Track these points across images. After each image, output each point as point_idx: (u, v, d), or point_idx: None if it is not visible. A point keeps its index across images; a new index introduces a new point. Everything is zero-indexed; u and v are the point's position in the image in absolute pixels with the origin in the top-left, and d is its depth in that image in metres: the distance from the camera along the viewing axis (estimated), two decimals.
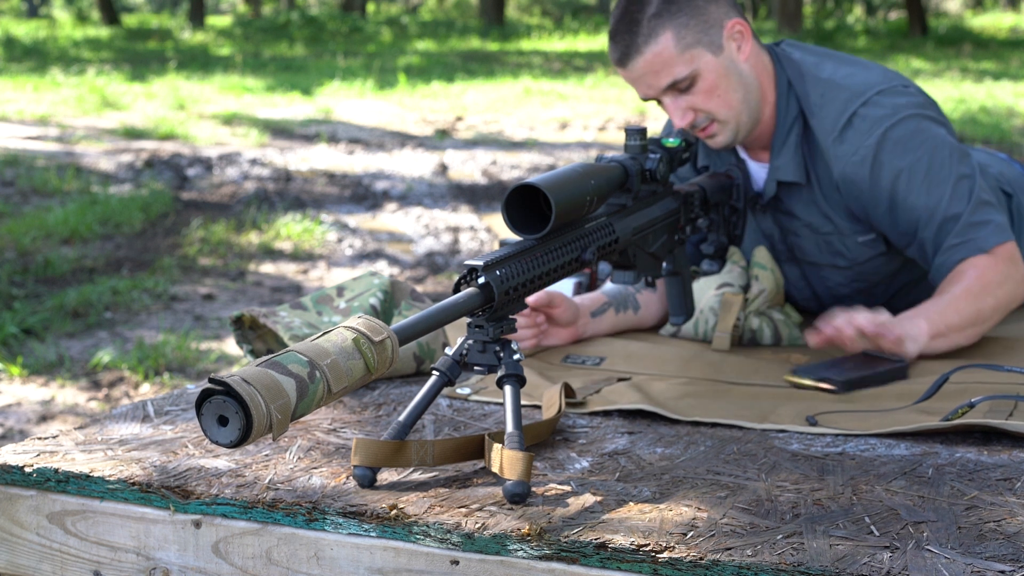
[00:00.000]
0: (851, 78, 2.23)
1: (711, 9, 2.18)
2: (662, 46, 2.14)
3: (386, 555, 1.42)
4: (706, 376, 2.02)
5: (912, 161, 2.16)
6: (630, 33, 2.16)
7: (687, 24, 2.15)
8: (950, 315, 2.08)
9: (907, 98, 2.21)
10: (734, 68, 2.20)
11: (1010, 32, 23.40)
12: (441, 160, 8.85)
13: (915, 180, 2.16)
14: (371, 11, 31.64)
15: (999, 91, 12.55)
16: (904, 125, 2.18)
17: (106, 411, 3.52)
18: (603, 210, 1.83)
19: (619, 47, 2.18)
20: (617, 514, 1.42)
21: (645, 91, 2.20)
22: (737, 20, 2.21)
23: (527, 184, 1.58)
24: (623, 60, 2.18)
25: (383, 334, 1.36)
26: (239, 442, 1.24)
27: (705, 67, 2.17)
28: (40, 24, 25.78)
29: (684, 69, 2.16)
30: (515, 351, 1.56)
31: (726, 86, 2.19)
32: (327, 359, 1.31)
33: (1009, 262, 2.14)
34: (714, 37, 2.17)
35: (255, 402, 1.23)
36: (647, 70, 2.16)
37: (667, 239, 2.03)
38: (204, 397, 1.25)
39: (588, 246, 1.71)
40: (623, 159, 1.86)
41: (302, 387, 1.28)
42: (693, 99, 2.19)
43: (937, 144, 2.18)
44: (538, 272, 1.60)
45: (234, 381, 1.23)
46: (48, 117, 10.93)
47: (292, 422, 1.29)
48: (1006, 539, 1.33)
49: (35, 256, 5.90)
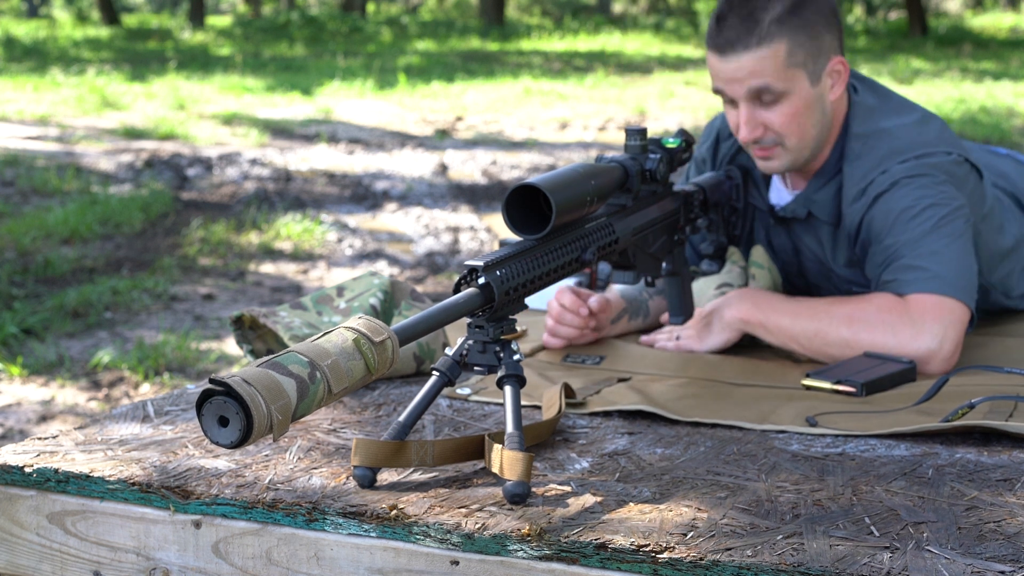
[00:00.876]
0: (898, 133, 2.17)
1: (826, 38, 2.13)
2: (773, 52, 2.08)
3: (386, 555, 1.42)
4: (706, 376, 2.02)
5: (907, 205, 2.11)
6: (745, 27, 2.09)
7: (803, 43, 2.10)
8: (792, 319, 2.08)
9: (940, 159, 2.15)
10: (821, 104, 2.16)
11: (1010, 32, 23.40)
12: (441, 160, 8.85)
13: (900, 220, 2.11)
14: (371, 11, 31.63)
15: (999, 91, 12.55)
16: (919, 180, 2.12)
17: (106, 411, 3.52)
18: (603, 210, 1.83)
19: (728, 35, 2.10)
20: (617, 514, 1.42)
21: (727, 87, 2.13)
22: (841, 59, 2.16)
23: (527, 184, 1.58)
24: (724, 48, 2.11)
25: (383, 334, 1.36)
26: (240, 443, 1.24)
27: (799, 91, 2.12)
28: (40, 24, 25.77)
29: (780, 84, 2.10)
30: (515, 351, 1.56)
31: (808, 117, 2.15)
32: (328, 359, 1.31)
33: (904, 314, 2.03)
34: (818, 67, 2.13)
35: (256, 403, 1.23)
36: (747, 68, 2.10)
37: (667, 239, 2.03)
38: (205, 397, 1.25)
39: (588, 246, 1.71)
40: (623, 159, 1.85)
41: (303, 388, 1.28)
42: (771, 117, 2.13)
43: (938, 201, 2.10)
44: (538, 272, 1.60)
45: (235, 382, 1.23)
46: (48, 117, 10.93)
47: (293, 423, 1.29)
48: (1006, 539, 1.33)
49: (35, 256, 5.90)
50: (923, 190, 2.11)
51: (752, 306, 2.12)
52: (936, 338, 2.00)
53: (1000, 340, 2.23)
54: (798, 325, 2.08)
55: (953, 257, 2.07)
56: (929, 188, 2.11)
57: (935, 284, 2.04)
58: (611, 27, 24.02)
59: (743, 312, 2.13)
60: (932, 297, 2.04)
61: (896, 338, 2.01)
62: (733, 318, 2.14)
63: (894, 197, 2.12)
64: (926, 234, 2.08)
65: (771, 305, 2.12)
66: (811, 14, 2.11)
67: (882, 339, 2.02)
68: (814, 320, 2.07)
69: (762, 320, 2.11)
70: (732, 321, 2.14)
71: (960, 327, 2.04)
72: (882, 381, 1.92)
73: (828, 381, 1.92)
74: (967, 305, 2.06)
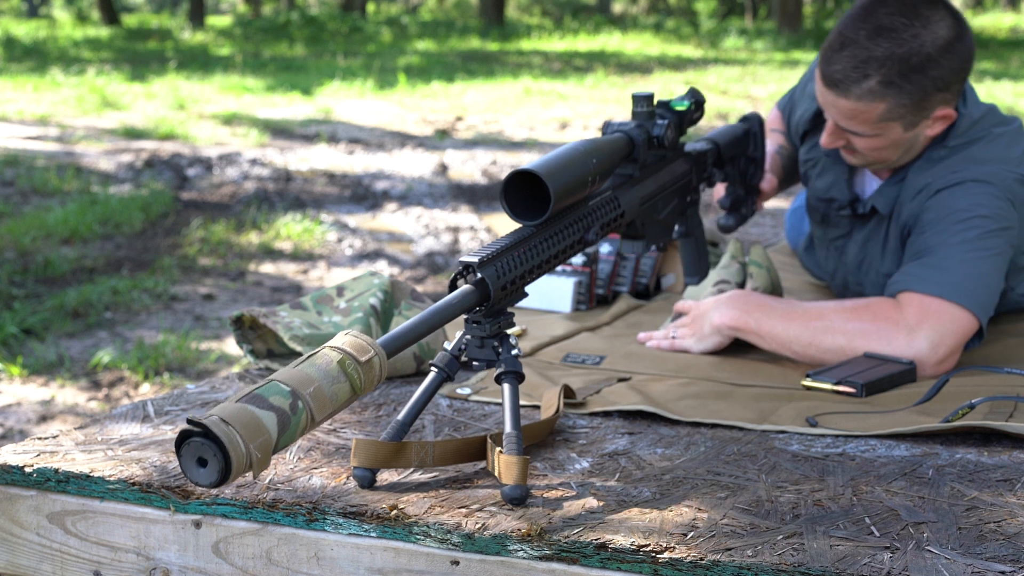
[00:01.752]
0: (982, 151, 2.15)
1: (934, 97, 2.06)
2: (869, 108, 2.05)
3: (386, 555, 1.42)
4: (706, 376, 2.02)
5: (962, 207, 2.08)
6: (854, 75, 2.04)
7: (904, 104, 2.05)
8: (785, 326, 2.05)
9: (1009, 175, 2.11)
10: (912, 140, 2.13)
11: (1010, 32, 23.40)
12: (441, 160, 8.85)
13: (949, 219, 2.08)
14: (371, 11, 31.63)
15: (999, 91, 12.54)
16: (982, 187, 2.09)
17: (106, 411, 3.52)
18: (609, 183, 1.78)
19: (836, 71, 2.06)
20: (617, 514, 1.42)
21: (823, 107, 2.12)
22: (948, 111, 2.10)
23: (524, 170, 1.54)
24: (826, 80, 2.07)
25: (369, 352, 1.34)
26: (219, 483, 1.23)
27: (889, 134, 2.10)
28: (40, 24, 25.77)
29: (870, 130, 2.08)
30: (513, 345, 1.55)
31: (892, 152, 2.13)
32: (310, 387, 1.30)
33: (900, 320, 2.00)
34: (917, 119, 2.09)
35: (234, 443, 1.22)
36: (842, 109, 2.08)
37: (678, 202, 1.97)
38: (183, 439, 1.23)
39: (591, 226, 1.66)
40: (629, 129, 1.80)
41: (283, 421, 1.27)
42: (857, 141, 2.12)
43: (991, 213, 2.07)
44: (537, 261, 1.57)
45: (211, 422, 1.22)
46: (48, 117, 10.93)
47: (274, 455, 1.28)
48: (1006, 539, 1.33)
49: (35, 256, 5.90)
50: (982, 197, 2.07)
51: (743, 313, 2.08)
52: (930, 342, 1.98)
53: (1000, 340, 2.22)
54: (791, 332, 2.05)
55: (979, 271, 2.04)
56: (988, 198, 2.07)
57: (941, 288, 2.01)
58: (611, 27, 24.02)
59: (733, 319, 2.08)
60: (933, 300, 2.01)
61: (891, 345, 2.00)
62: (722, 324, 2.10)
63: (954, 195, 2.09)
64: (965, 243, 2.05)
65: (763, 311, 2.08)
66: (925, 81, 2.04)
67: (877, 347, 2.01)
68: (808, 328, 2.04)
69: (754, 328, 2.07)
70: (721, 327, 2.10)
71: (959, 335, 2.01)
72: (882, 382, 1.92)
73: (828, 382, 1.92)
74: (974, 315, 2.02)
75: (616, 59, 17.38)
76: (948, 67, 2.05)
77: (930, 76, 2.04)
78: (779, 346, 2.07)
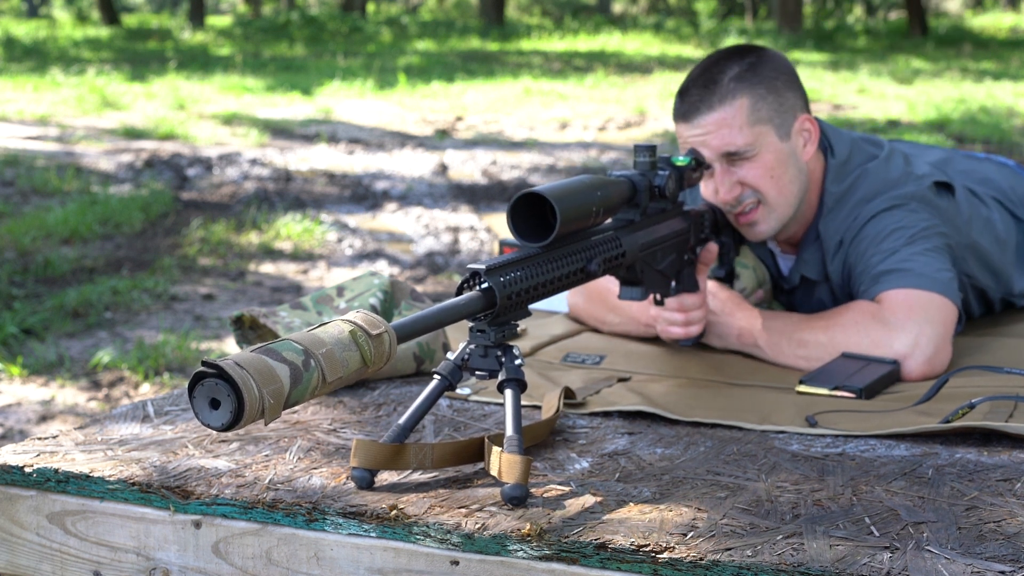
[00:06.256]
0: (864, 183, 2.20)
1: (788, 95, 2.14)
2: (735, 110, 2.10)
3: (386, 555, 1.42)
4: (706, 376, 2.02)
5: (876, 232, 2.14)
6: (706, 89, 2.11)
7: (764, 97, 2.11)
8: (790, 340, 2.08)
9: (908, 189, 2.17)
10: (795, 160, 2.16)
11: (1010, 32, 23.40)
12: (441, 160, 8.85)
13: (871, 245, 2.14)
14: (371, 11, 31.63)
15: (999, 91, 12.55)
16: (888, 213, 2.15)
17: (106, 411, 3.52)
18: (611, 224, 1.83)
19: (689, 100, 2.13)
20: (617, 514, 1.42)
21: (702, 151, 2.14)
22: (808, 117, 2.18)
23: (532, 192, 1.57)
24: (689, 114, 2.12)
25: (380, 328, 1.36)
26: (231, 425, 1.24)
27: (768, 146, 2.12)
28: (40, 24, 25.77)
29: (746, 141, 2.10)
30: (516, 356, 1.56)
31: (783, 173, 2.15)
32: (322, 348, 1.31)
33: (878, 318, 2.03)
34: (785, 122, 2.14)
35: (247, 385, 1.23)
36: (712, 129, 2.10)
37: (676, 258, 2.01)
38: (196, 380, 1.25)
39: (593, 257, 1.70)
40: (632, 174, 1.85)
41: (296, 374, 1.28)
42: (746, 173, 2.13)
43: (906, 224, 2.13)
44: (542, 280, 1.59)
45: (226, 364, 1.23)
46: (48, 117, 10.93)
47: (285, 409, 1.29)
48: (1006, 539, 1.33)
49: (35, 256, 5.90)
50: (903, 213, 2.13)
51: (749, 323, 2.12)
52: (911, 336, 1.99)
53: (1000, 340, 2.23)
54: (784, 346, 2.09)
55: (937, 263, 2.08)
56: (908, 213, 2.13)
57: (909, 279, 2.04)
58: (611, 27, 24.02)
59: (729, 343, 2.15)
60: (904, 292, 2.03)
61: (878, 349, 2.00)
62: (724, 342, 2.15)
63: (880, 220, 2.15)
64: (911, 244, 2.10)
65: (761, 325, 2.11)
66: (769, 71, 2.13)
67: (873, 345, 2.01)
68: (796, 335, 2.08)
69: (752, 346, 2.13)
70: (719, 343, 2.16)
71: (943, 324, 2.02)
72: (876, 384, 1.92)
73: (824, 388, 1.92)
74: (949, 299, 2.04)
75: (616, 59, 17.38)
76: (785, 68, 2.16)
77: (773, 71, 2.14)
78: (787, 359, 2.09)
